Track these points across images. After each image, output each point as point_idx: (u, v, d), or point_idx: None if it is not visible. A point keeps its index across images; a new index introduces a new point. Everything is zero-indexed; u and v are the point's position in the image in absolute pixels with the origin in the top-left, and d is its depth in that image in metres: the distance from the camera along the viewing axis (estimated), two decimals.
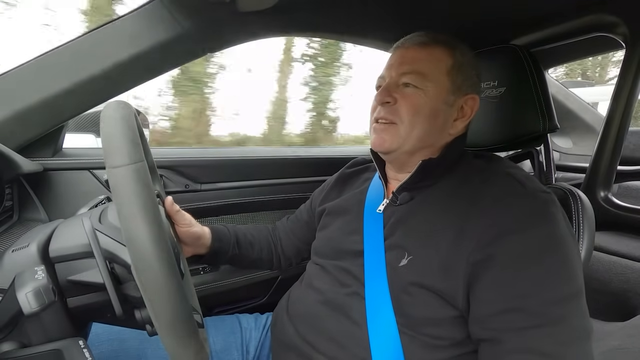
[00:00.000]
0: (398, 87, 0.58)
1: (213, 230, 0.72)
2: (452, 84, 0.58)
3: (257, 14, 0.67)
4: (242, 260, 0.77)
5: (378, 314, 0.53)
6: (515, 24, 0.81)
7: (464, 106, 0.59)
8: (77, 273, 0.43)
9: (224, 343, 0.69)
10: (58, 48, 0.64)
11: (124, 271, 0.43)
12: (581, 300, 0.44)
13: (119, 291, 0.42)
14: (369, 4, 0.73)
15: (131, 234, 0.31)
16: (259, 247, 0.78)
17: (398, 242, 0.55)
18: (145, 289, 0.32)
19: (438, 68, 0.57)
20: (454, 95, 0.58)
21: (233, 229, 0.76)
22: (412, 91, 0.57)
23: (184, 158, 0.88)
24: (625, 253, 0.90)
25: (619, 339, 0.64)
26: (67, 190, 0.76)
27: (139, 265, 0.31)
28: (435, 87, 0.57)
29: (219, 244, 0.71)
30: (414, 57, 0.58)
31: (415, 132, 0.57)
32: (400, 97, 0.57)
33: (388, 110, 0.58)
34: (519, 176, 0.52)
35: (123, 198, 0.32)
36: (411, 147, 0.58)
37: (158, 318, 0.32)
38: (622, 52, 0.76)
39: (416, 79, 0.57)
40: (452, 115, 0.59)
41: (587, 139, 1.25)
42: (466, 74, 0.59)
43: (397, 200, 0.60)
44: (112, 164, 0.33)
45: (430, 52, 0.58)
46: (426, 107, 0.57)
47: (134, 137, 0.35)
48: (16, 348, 0.40)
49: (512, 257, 0.45)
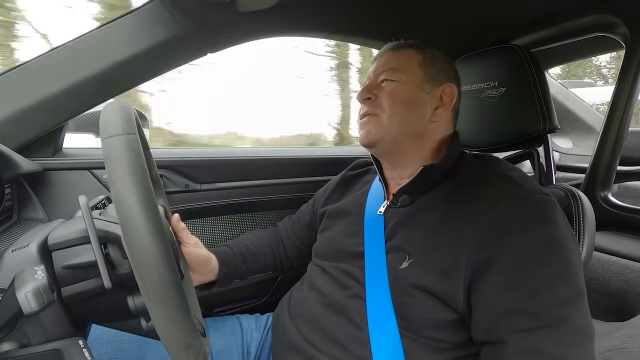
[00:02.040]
0: (377, 86, 0.62)
1: (218, 256, 0.71)
2: (425, 74, 0.61)
3: (257, 13, 0.67)
4: (249, 273, 0.77)
5: (379, 316, 0.53)
6: (516, 24, 0.81)
7: (442, 95, 0.61)
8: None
9: (225, 344, 0.69)
10: (58, 48, 0.64)
11: (117, 255, 0.44)
12: (583, 301, 0.45)
13: (112, 273, 0.42)
14: (368, 3, 0.73)
15: (119, 195, 0.31)
16: (263, 255, 0.78)
17: (399, 244, 0.56)
18: (132, 250, 0.31)
19: (409, 62, 0.61)
20: (430, 84, 0.61)
21: (237, 247, 0.76)
22: (388, 84, 0.61)
23: (184, 158, 0.88)
24: (625, 253, 0.90)
25: (618, 339, 0.64)
26: (66, 190, 0.76)
27: (126, 226, 0.31)
28: (408, 77, 0.60)
29: (226, 269, 0.71)
30: (387, 59, 0.63)
31: (395, 118, 0.59)
32: (379, 92, 0.61)
33: (370, 105, 0.62)
34: (518, 178, 0.53)
35: (113, 163, 0.32)
36: (395, 133, 0.60)
37: (145, 283, 0.31)
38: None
39: (390, 73, 0.61)
40: (432, 104, 0.61)
41: (587, 139, 1.25)
42: (438, 67, 0.62)
43: (397, 203, 0.60)
44: (105, 135, 0.33)
45: (401, 52, 0.63)
46: (404, 94, 0.60)
47: (129, 117, 0.36)
48: (16, 348, 0.40)
49: (513, 260, 0.45)
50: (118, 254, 0.44)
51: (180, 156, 0.88)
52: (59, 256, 0.44)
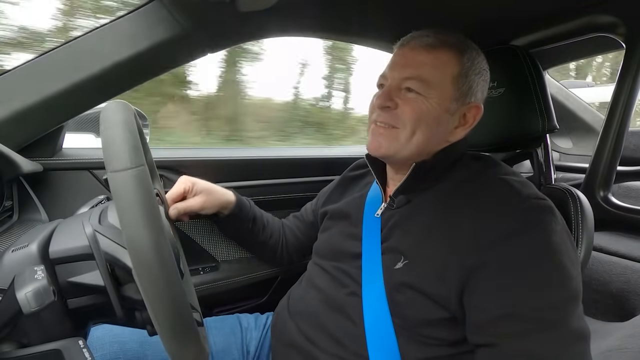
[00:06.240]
0: (400, 90, 0.56)
1: (237, 196, 0.76)
2: (456, 92, 0.55)
3: (257, 13, 0.67)
4: (250, 239, 0.80)
5: (374, 314, 0.54)
6: (515, 25, 0.81)
7: (466, 114, 0.58)
8: (77, 274, 0.43)
9: (224, 343, 0.69)
10: (58, 48, 0.64)
11: (124, 273, 0.43)
12: (577, 304, 0.45)
13: (119, 293, 0.42)
14: (368, 4, 0.73)
15: (133, 241, 0.31)
16: (270, 232, 0.81)
17: (394, 245, 0.56)
18: (147, 294, 0.32)
19: (443, 75, 0.55)
20: (458, 103, 0.56)
21: (253, 204, 0.80)
22: (415, 97, 0.55)
23: (184, 158, 0.88)
24: (624, 253, 0.90)
25: (618, 339, 0.64)
26: (67, 190, 0.76)
27: (140, 271, 0.32)
28: (439, 95, 0.54)
29: (238, 210, 0.75)
30: (419, 60, 0.55)
31: (415, 138, 0.55)
32: (401, 102, 0.55)
33: (388, 115, 0.56)
34: (515, 182, 0.52)
35: (124, 204, 0.32)
36: (409, 153, 0.57)
37: (159, 322, 0.32)
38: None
39: (420, 86, 0.54)
40: (453, 123, 0.57)
41: (587, 139, 1.25)
42: (471, 81, 0.56)
43: (394, 204, 0.60)
44: (113, 168, 0.32)
45: (437, 56, 0.55)
46: (429, 115, 0.54)
47: (134, 141, 0.35)
48: (15, 348, 0.40)
49: (506, 264, 0.45)
50: (124, 273, 0.43)
51: (180, 156, 0.89)
52: (62, 269, 0.43)
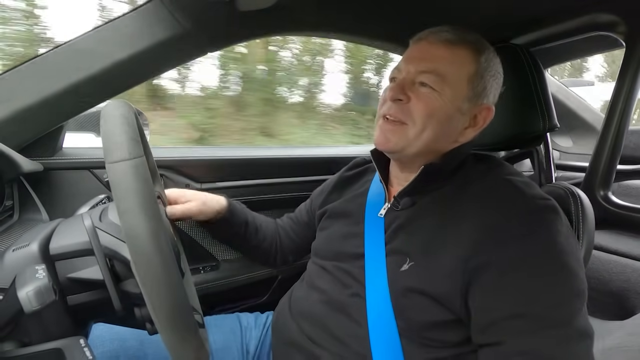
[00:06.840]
0: (414, 84, 0.55)
1: (228, 201, 0.75)
2: (470, 91, 0.54)
3: (257, 13, 0.67)
4: (242, 243, 0.79)
5: (378, 315, 0.53)
6: (515, 23, 0.81)
7: (477, 115, 0.57)
8: (77, 271, 0.43)
9: (224, 342, 0.69)
10: (58, 48, 0.64)
11: (123, 268, 0.43)
12: (582, 303, 0.45)
13: (119, 288, 0.43)
14: (368, 3, 0.73)
15: (130, 228, 0.31)
16: (263, 235, 0.80)
17: (399, 247, 0.55)
18: (144, 282, 0.32)
19: (460, 72, 0.54)
20: (470, 103, 0.55)
21: (245, 208, 0.79)
22: (428, 92, 0.54)
23: (184, 158, 0.89)
24: (625, 252, 0.90)
25: (618, 338, 0.64)
26: (67, 189, 0.76)
27: (137, 259, 0.32)
28: (453, 93, 0.53)
29: (230, 215, 0.74)
30: (436, 55, 0.54)
31: (424, 135, 0.54)
32: (414, 96, 0.54)
33: (399, 109, 0.55)
34: (519, 182, 0.52)
35: (122, 193, 0.32)
36: (416, 150, 0.56)
37: (156, 312, 0.32)
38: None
39: (435, 80, 0.53)
40: (464, 124, 0.57)
41: (587, 138, 1.25)
42: (486, 82, 0.55)
43: (398, 205, 0.60)
44: (111, 159, 0.33)
45: (455, 52, 0.54)
46: (441, 112, 0.53)
47: (133, 134, 0.35)
48: (17, 347, 0.40)
49: (511, 264, 0.46)
50: (124, 268, 0.44)
51: (180, 156, 0.89)
52: (62, 266, 0.44)
